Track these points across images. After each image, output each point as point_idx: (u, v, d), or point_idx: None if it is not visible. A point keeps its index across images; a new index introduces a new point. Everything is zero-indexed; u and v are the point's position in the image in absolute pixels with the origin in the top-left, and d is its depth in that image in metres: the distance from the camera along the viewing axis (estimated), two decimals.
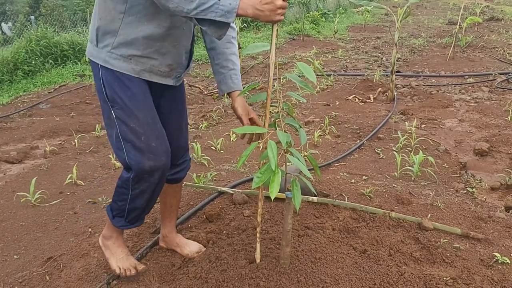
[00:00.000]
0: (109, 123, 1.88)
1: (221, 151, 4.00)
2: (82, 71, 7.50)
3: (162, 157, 1.87)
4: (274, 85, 1.76)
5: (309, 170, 3.34)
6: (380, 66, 7.88)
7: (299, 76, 1.85)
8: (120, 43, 1.75)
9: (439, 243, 2.33)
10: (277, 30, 1.70)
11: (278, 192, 1.77)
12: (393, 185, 3.11)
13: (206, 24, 1.62)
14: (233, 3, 1.56)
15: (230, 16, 1.57)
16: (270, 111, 1.81)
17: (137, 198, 1.94)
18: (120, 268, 2.08)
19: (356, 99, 5.81)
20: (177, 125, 2.11)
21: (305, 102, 1.80)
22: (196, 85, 6.61)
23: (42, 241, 2.61)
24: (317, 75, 6.99)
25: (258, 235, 1.99)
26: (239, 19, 9.82)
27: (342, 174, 3.34)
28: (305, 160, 2.45)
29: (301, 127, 1.90)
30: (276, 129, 1.81)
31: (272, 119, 1.86)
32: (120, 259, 2.10)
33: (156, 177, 1.89)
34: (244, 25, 11.54)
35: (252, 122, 2.05)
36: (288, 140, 1.70)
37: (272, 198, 1.59)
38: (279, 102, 1.79)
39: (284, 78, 1.85)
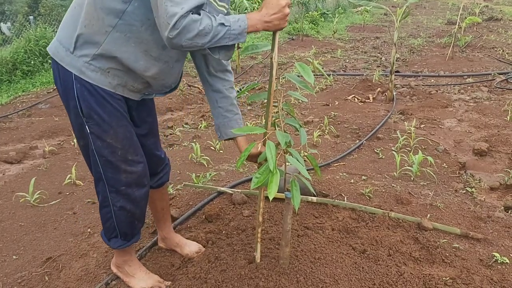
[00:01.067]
0: (81, 136, 1.81)
1: (220, 151, 4.00)
2: None
3: (138, 168, 1.85)
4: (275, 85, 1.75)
5: (309, 170, 3.34)
6: (379, 66, 7.88)
7: (298, 76, 1.84)
8: (100, 55, 1.65)
9: (438, 243, 2.33)
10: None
11: (278, 192, 1.77)
12: (393, 185, 3.11)
13: (216, 50, 1.60)
14: (243, 24, 1.56)
15: (242, 37, 1.57)
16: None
17: (121, 211, 1.90)
18: None
19: (355, 99, 5.81)
20: (153, 135, 2.08)
21: (306, 101, 1.80)
22: (195, 85, 6.60)
23: (41, 241, 2.60)
24: (317, 75, 6.99)
25: (258, 235, 1.98)
26: None
27: (341, 174, 3.34)
28: (305, 160, 2.45)
29: (301, 126, 1.89)
30: (276, 129, 1.80)
31: (273, 118, 1.85)
32: (142, 279, 2.06)
33: (133, 187, 1.87)
34: None
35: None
36: (287, 140, 1.70)
37: (271, 199, 1.59)
38: (279, 102, 1.79)
39: (283, 78, 1.83)
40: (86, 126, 1.75)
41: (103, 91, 1.70)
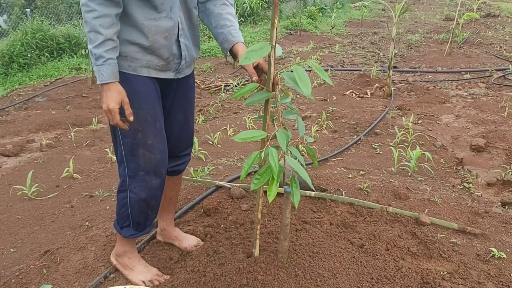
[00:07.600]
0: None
1: (218, 146, 4.00)
2: (78, 64, 7.43)
3: (156, 155, 1.88)
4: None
5: (307, 164, 3.34)
6: (377, 62, 7.87)
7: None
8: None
9: (436, 238, 2.35)
10: (276, 30, 1.66)
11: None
12: (390, 180, 3.12)
13: None
14: (101, 78, 1.67)
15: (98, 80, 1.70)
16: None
17: (137, 199, 1.92)
18: (145, 282, 2.04)
19: (353, 94, 5.81)
20: (184, 118, 2.10)
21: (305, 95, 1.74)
22: None
23: (39, 234, 2.60)
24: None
25: (257, 231, 1.98)
26: (237, 13, 9.76)
27: (339, 169, 3.34)
28: (303, 155, 2.45)
29: (297, 115, 1.86)
30: (274, 126, 1.78)
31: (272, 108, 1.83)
32: (141, 272, 2.08)
33: (151, 175, 1.90)
34: (241, 19, 11.49)
35: (258, 71, 1.87)
36: (288, 140, 1.67)
37: (270, 201, 1.59)
38: (277, 98, 1.77)
39: (281, 73, 1.79)
40: None
41: (128, 74, 1.79)
